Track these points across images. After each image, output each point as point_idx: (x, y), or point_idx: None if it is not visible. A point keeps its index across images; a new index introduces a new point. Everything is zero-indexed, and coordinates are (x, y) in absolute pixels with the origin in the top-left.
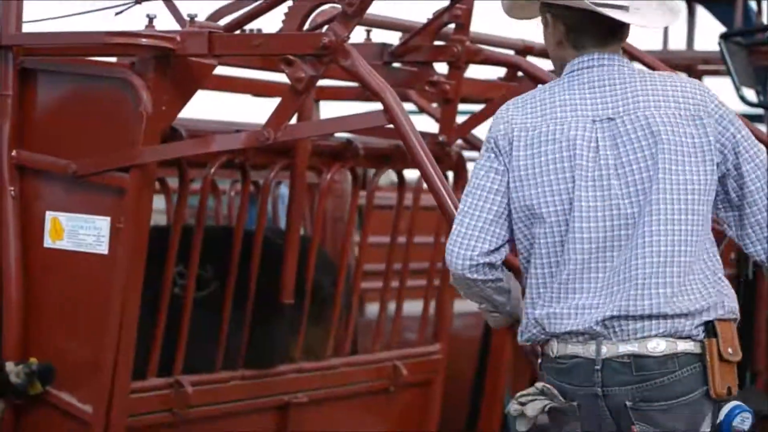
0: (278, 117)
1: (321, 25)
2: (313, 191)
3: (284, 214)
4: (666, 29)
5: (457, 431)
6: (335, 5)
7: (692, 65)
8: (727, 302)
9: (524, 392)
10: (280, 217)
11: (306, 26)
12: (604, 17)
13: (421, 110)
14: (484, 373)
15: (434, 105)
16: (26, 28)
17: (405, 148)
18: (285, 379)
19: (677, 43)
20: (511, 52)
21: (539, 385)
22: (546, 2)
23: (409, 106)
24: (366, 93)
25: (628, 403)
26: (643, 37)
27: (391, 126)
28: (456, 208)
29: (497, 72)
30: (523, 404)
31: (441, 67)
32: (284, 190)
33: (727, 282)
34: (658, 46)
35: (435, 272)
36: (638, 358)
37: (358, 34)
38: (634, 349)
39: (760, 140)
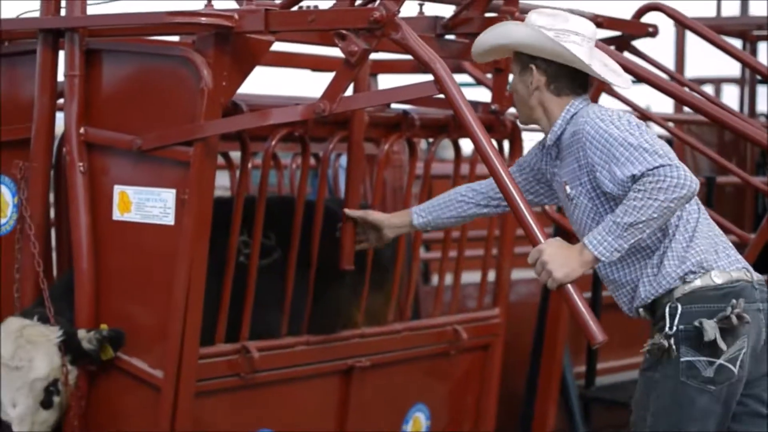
0: (333, 89)
1: (368, 2)
2: (372, 162)
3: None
4: None
5: (518, 393)
6: None
7: (746, 31)
8: None
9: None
10: (342, 188)
11: (358, 1)
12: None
13: (477, 81)
14: (543, 337)
15: (488, 75)
16: (91, 11)
17: (457, 116)
18: (348, 343)
19: (731, 9)
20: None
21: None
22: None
23: (464, 78)
24: (421, 65)
25: None
26: (696, 4)
27: (442, 96)
28: (506, 176)
29: None
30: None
31: None
32: (345, 161)
33: None
34: (711, 12)
35: (493, 240)
36: None
37: (411, 8)
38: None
39: None
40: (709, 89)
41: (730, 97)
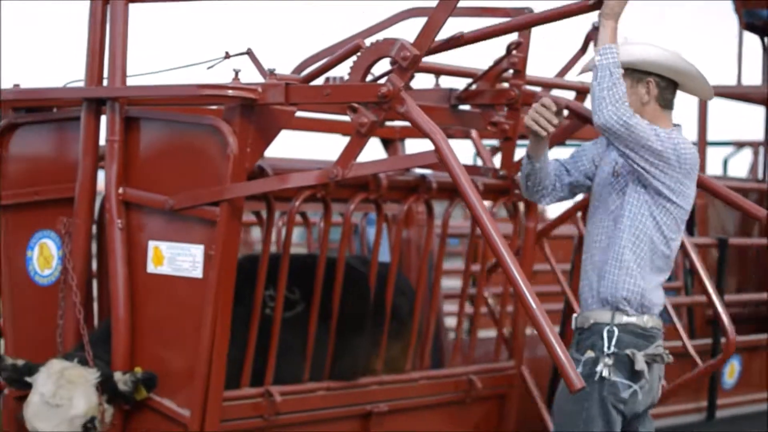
0: (346, 157)
1: (381, 77)
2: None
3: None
4: (740, 63)
5: None
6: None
7: None
8: None
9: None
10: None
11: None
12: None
13: (476, 151)
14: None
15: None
16: (129, 82)
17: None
18: (367, 390)
19: (752, 78)
20: (568, 93)
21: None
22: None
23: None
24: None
25: None
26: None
27: None
28: (497, 239)
29: None
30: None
31: None
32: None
33: None
34: (731, 81)
35: (509, 298)
36: None
37: (428, 80)
38: None
39: None
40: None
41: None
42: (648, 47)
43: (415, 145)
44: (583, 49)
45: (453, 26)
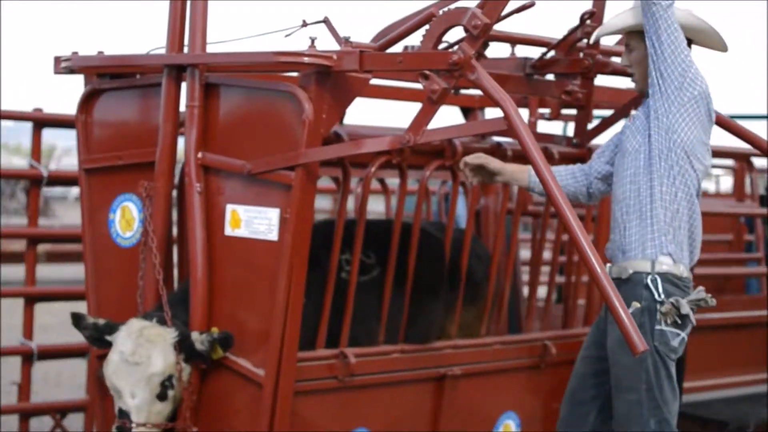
0: (417, 123)
1: (453, 45)
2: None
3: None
4: None
5: None
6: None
7: None
8: None
9: None
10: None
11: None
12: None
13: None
14: None
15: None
16: (209, 49)
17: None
18: (441, 353)
19: None
20: None
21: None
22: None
23: None
24: (523, 100)
25: None
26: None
27: None
28: (566, 207)
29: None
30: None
31: None
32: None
33: None
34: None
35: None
36: None
37: (504, 49)
38: None
39: None
40: None
41: None
42: (682, 12)
43: (495, 114)
44: None
45: None
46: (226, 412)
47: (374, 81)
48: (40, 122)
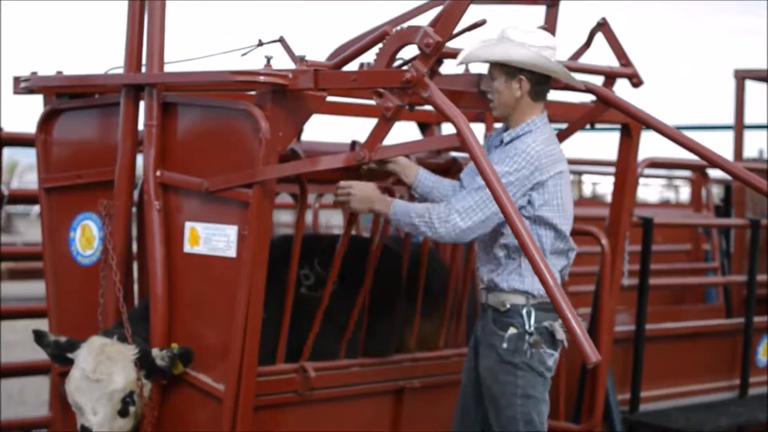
0: (372, 140)
1: (405, 63)
2: None
3: None
4: None
5: (567, 418)
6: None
7: None
8: None
9: None
10: None
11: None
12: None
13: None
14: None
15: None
16: (167, 68)
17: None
18: (400, 366)
19: None
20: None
21: None
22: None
23: None
24: (479, 115)
25: None
26: None
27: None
28: (516, 220)
29: (579, 96)
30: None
31: None
32: None
33: None
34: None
35: None
36: None
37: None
38: None
39: None
40: None
41: None
42: (512, 47)
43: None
44: (588, 44)
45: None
46: (187, 427)
47: (331, 98)
48: (1, 141)
